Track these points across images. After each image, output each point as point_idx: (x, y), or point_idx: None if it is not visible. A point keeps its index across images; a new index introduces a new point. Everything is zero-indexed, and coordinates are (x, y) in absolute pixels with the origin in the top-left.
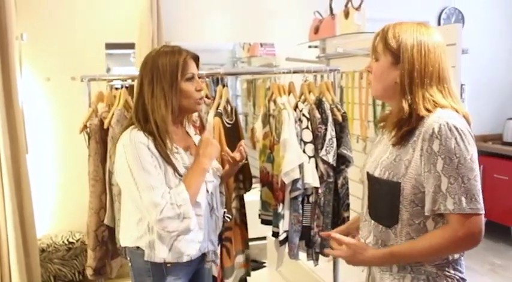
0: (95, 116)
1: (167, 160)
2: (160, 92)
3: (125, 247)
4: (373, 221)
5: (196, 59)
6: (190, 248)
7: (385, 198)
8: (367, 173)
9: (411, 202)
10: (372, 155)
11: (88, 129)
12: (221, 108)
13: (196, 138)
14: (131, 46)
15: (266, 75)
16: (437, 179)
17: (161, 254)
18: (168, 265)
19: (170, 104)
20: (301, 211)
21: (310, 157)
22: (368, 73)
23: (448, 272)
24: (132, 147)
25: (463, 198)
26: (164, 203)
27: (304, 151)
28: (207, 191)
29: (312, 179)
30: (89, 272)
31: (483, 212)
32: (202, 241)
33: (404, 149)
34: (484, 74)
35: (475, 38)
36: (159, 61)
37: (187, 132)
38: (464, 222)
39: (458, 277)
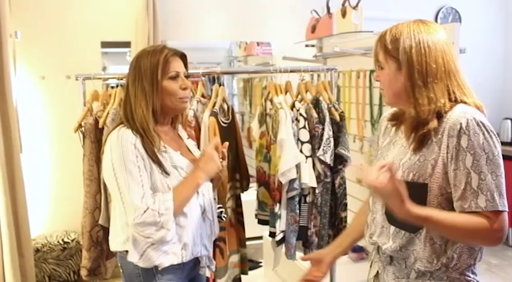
0: (89, 115)
1: (153, 158)
2: (141, 92)
3: (116, 252)
4: (393, 227)
5: (182, 56)
6: (162, 258)
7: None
8: None
9: (438, 204)
10: (386, 156)
11: (83, 129)
12: (217, 107)
13: (189, 143)
14: (127, 45)
15: (263, 74)
16: (467, 176)
17: (132, 257)
18: (159, 269)
19: (151, 103)
20: (298, 211)
21: (307, 157)
22: (379, 82)
23: (468, 276)
24: (118, 145)
25: (495, 195)
26: (144, 207)
27: (301, 151)
28: (197, 192)
29: (308, 179)
30: (83, 272)
31: (507, 209)
32: (193, 246)
33: (428, 148)
34: (480, 73)
35: (471, 37)
36: (141, 61)
37: (179, 135)
38: (495, 219)
39: (475, 281)
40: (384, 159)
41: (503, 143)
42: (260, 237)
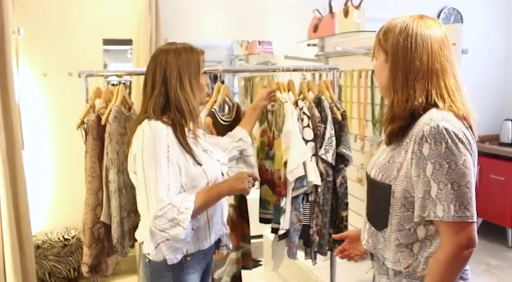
0: (92, 112)
1: (186, 148)
2: (188, 85)
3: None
4: (368, 222)
5: None
6: (172, 254)
7: (377, 201)
8: (366, 173)
9: (402, 206)
10: (374, 155)
11: (85, 125)
12: (216, 106)
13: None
14: (129, 42)
15: (264, 73)
16: (427, 185)
17: (146, 248)
18: (188, 258)
19: (197, 95)
20: (301, 210)
21: (311, 155)
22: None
23: None
24: (151, 136)
25: (452, 206)
26: (168, 201)
27: None
28: (222, 174)
29: (314, 177)
30: (84, 269)
31: (474, 219)
32: (217, 225)
33: (398, 150)
34: (482, 74)
35: (473, 38)
36: (184, 57)
37: None
38: (452, 231)
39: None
40: (373, 157)
41: (503, 144)
42: (260, 236)
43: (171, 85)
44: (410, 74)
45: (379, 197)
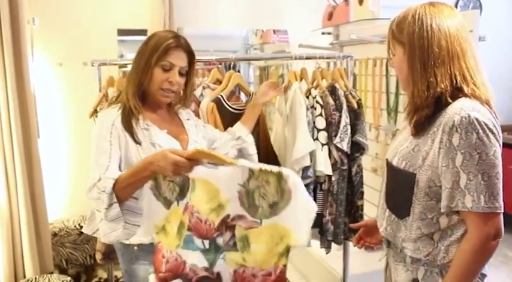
0: (105, 101)
1: (127, 129)
2: (136, 68)
3: None
4: (388, 210)
5: (188, 53)
6: (108, 235)
7: (399, 189)
8: (386, 160)
9: (425, 195)
10: (394, 142)
11: (98, 114)
12: (225, 93)
13: (189, 124)
14: (143, 32)
15: (279, 62)
16: (456, 175)
17: (84, 228)
18: (135, 248)
19: (138, 81)
20: (313, 199)
21: (323, 144)
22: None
23: None
24: (97, 122)
25: (482, 196)
26: (94, 181)
27: (317, 138)
28: None
29: (324, 167)
30: (98, 256)
31: (502, 210)
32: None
33: (424, 139)
34: (500, 63)
35: (492, 26)
36: (150, 40)
37: (179, 117)
38: (481, 221)
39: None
40: (392, 144)
41: None
42: None
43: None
44: (429, 61)
45: (401, 185)
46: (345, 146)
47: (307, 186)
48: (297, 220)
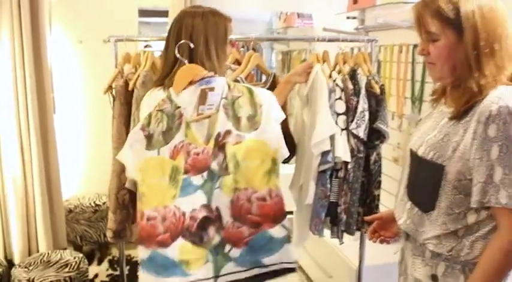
0: (120, 77)
1: None
2: (215, 53)
3: None
4: (409, 202)
5: None
6: None
7: (425, 181)
8: (411, 150)
9: (453, 189)
10: (419, 130)
11: (113, 91)
12: (244, 74)
13: None
14: (165, 14)
15: (302, 47)
16: (490, 168)
17: None
18: None
19: (222, 65)
20: (328, 186)
21: (342, 129)
22: (425, 56)
23: None
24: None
25: None
26: None
27: (336, 123)
28: None
29: (343, 153)
30: (109, 234)
31: None
32: None
33: (455, 128)
34: None
35: None
36: (212, 21)
37: None
38: None
39: None
40: (416, 132)
41: None
42: (290, 212)
43: (197, 52)
44: (495, 43)
45: (427, 177)
46: (362, 132)
47: (324, 172)
48: (274, 134)
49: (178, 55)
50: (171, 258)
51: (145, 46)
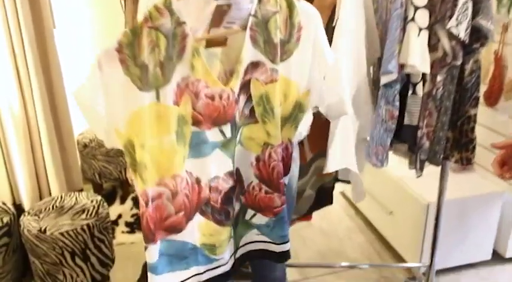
0: None
1: None
2: None
3: None
4: None
5: None
6: None
7: None
8: None
9: None
10: None
11: None
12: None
13: None
14: None
15: None
16: None
17: None
18: None
19: None
20: (397, 103)
21: (420, 29)
22: None
23: None
24: None
25: None
26: None
27: (412, 19)
28: None
29: (419, 60)
30: (129, 179)
31: None
32: None
33: None
34: None
35: None
36: None
37: None
38: None
39: None
40: None
41: None
42: None
43: None
44: None
45: None
46: (462, 32)
47: (390, 86)
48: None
49: None
50: (191, 243)
51: None
